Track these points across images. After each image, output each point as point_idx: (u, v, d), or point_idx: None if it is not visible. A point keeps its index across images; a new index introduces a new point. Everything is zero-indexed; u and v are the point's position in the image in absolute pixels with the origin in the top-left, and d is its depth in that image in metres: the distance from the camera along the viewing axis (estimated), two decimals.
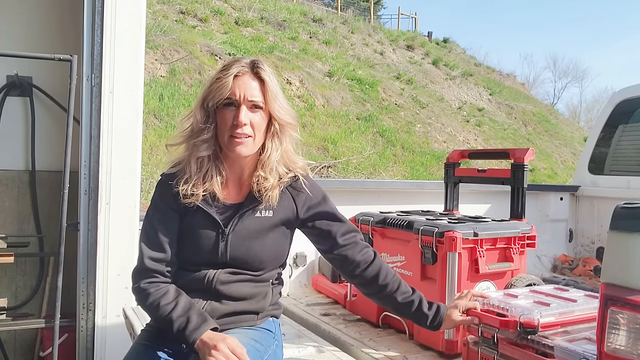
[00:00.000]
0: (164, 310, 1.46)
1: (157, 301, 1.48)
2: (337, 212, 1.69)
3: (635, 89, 3.77)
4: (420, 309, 1.67)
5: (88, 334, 2.58)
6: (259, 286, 1.60)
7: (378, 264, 1.68)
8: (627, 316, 1.16)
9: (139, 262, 1.55)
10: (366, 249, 1.69)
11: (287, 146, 1.60)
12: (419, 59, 19.67)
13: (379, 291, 1.68)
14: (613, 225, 1.19)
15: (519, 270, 2.10)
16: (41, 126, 3.33)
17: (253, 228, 1.56)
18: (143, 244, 1.56)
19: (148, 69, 10.10)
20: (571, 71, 42.19)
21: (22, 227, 3.31)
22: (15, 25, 3.27)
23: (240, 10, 15.94)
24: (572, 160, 16.87)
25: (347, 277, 1.74)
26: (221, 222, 1.55)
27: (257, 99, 1.53)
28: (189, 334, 1.41)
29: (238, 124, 1.50)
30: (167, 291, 1.50)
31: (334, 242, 1.65)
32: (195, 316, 1.44)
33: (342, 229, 1.66)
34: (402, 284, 1.69)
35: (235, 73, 1.52)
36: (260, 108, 1.54)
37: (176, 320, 1.44)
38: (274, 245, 1.60)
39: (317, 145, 10.92)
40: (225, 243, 1.55)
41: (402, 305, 1.68)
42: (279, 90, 1.58)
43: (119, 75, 2.57)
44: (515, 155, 2.36)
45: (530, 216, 2.41)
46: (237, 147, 1.52)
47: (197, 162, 1.55)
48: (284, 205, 1.60)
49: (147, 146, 8.04)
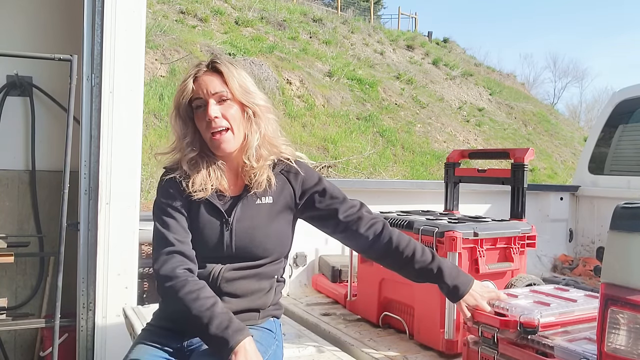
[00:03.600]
0: (204, 304, 1.41)
1: (197, 293, 1.42)
2: (336, 190, 1.66)
3: (635, 89, 3.77)
4: (440, 279, 1.62)
5: (88, 333, 2.58)
6: (262, 282, 1.60)
7: (387, 233, 1.63)
8: (627, 316, 1.16)
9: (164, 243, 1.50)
10: (373, 220, 1.65)
11: (267, 129, 1.60)
12: (419, 59, 19.67)
13: (395, 262, 1.65)
14: (613, 225, 1.19)
15: (519, 270, 2.10)
16: (41, 126, 3.33)
17: (256, 216, 1.57)
18: (162, 228, 1.52)
19: (148, 69, 10.09)
20: (571, 71, 42.19)
21: (22, 227, 3.31)
22: (15, 25, 3.27)
23: (240, 10, 15.94)
24: (572, 160, 16.86)
25: (362, 252, 1.74)
26: (224, 211, 1.56)
27: (220, 90, 1.54)
28: (230, 336, 1.36)
29: (209, 118, 1.52)
30: (205, 285, 1.47)
31: (336, 220, 1.63)
32: (236, 319, 1.41)
33: (343, 206, 1.64)
34: (418, 250, 1.63)
35: (194, 74, 1.56)
36: (228, 99, 1.55)
37: (217, 316, 1.39)
38: (278, 231, 1.60)
39: (317, 145, 10.92)
40: (230, 232, 1.55)
41: (420, 273, 1.64)
42: (245, 77, 1.59)
43: (119, 75, 2.57)
44: (515, 155, 2.36)
45: (530, 216, 2.41)
46: (221, 145, 1.54)
47: (190, 163, 1.57)
48: (282, 191, 1.61)
49: (147, 146, 8.04)
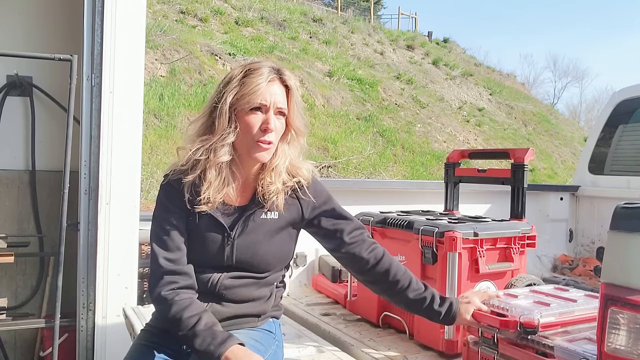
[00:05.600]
0: (187, 324, 1.41)
1: (180, 314, 1.42)
2: (343, 210, 1.68)
3: (635, 89, 3.77)
4: (432, 306, 1.64)
5: (88, 333, 2.58)
6: (262, 289, 1.59)
7: (387, 260, 1.66)
8: (627, 316, 1.16)
9: (155, 266, 1.50)
10: (374, 245, 1.67)
11: (294, 152, 1.59)
12: (419, 59, 19.68)
13: (389, 288, 1.66)
14: (613, 225, 1.18)
15: (519, 270, 2.10)
16: (41, 126, 3.33)
17: (259, 231, 1.56)
18: (156, 246, 1.51)
19: (148, 69, 10.10)
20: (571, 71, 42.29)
21: (22, 227, 3.31)
22: (15, 25, 3.27)
23: (240, 10, 15.94)
24: (572, 160, 16.88)
25: (357, 275, 1.72)
26: (227, 225, 1.54)
27: (283, 107, 1.52)
28: (215, 349, 1.35)
29: (267, 129, 1.49)
30: (190, 304, 1.45)
31: (340, 240, 1.64)
32: (220, 332, 1.41)
33: (349, 227, 1.65)
34: (414, 280, 1.66)
35: (267, 79, 1.50)
36: (283, 115, 1.54)
37: (199, 334, 1.39)
38: (280, 247, 1.60)
39: (317, 145, 10.92)
40: (231, 247, 1.54)
41: (413, 303, 1.65)
42: (300, 99, 1.59)
43: (119, 75, 2.57)
44: (515, 155, 2.35)
45: (530, 216, 2.40)
46: (262, 153, 1.51)
47: (217, 167, 1.51)
48: (289, 207, 1.59)
49: (147, 146, 8.05)
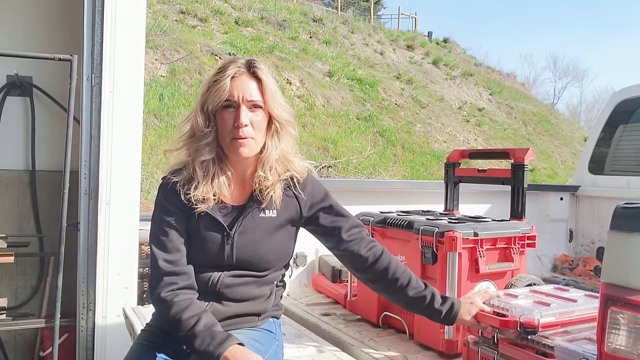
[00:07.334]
0: (187, 324, 1.42)
1: (180, 315, 1.43)
2: (341, 208, 1.68)
3: (635, 89, 3.77)
4: (432, 305, 1.64)
5: (88, 333, 2.58)
6: (262, 288, 1.59)
7: (386, 258, 1.66)
8: (627, 316, 1.16)
9: (155, 268, 1.51)
10: (372, 243, 1.68)
11: (286, 145, 1.59)
12: (419, 59, 19.67)
13: (389, 286, 1.66)
14: (613, 225, 1.18)
15: (519, 270, 2.10)
16: (41, 126, 3.33)
17: (258, 229, 1.56)
18: (156, 248, 1.52)
19: (148, 69, 10.09)
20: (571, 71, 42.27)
21: (22, 227, 3.31)
22: (15, 25, 3.27)
23: (240, 10, 15.93)
24: (572, 160, 16.87)
25: (356, 272, 1.72)
26: (226, 224, 1.54)
27: (256, 99, 1.52)
28: (214, 349, 1.36)
29: (239, 125, 1.49)
30: (190, 304, 1.46)
31: (339, 238, 1.64)
32: (219, 332, 1.41)
33: (347, 224, 1.65)
34: (413, 278, 1.66)
35: (232, 74, 1.50)
36: (260, 107, 1.53)
37: (199, 335, 1.39)
38: (280, 245, 1.60)
39: (317, 145, 10.92)
40: (231, 246, 1.54)
41: (413, 301, 1.65)
42: (277, 89, 1.57)
43: (119, 75, 2.57)
44: (515, 155, 2.35)
45: (530, 216, 2.40)
46: (240, 149, 1.51)
47: (202, 166, 1.53)
48: (287, 205, 1.60)
49: (147, 146, 8.04)
